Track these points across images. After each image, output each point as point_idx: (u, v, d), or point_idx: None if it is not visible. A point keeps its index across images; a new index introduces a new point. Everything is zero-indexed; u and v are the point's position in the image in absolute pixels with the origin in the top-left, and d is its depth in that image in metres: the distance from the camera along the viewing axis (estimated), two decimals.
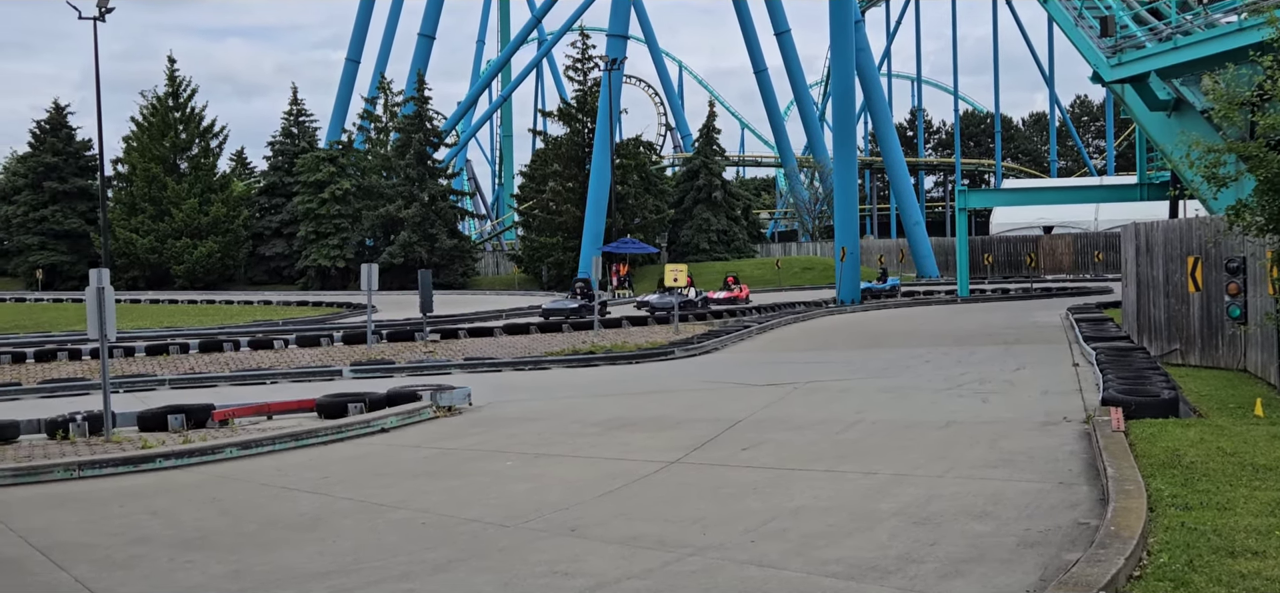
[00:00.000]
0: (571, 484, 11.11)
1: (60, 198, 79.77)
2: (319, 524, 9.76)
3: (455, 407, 16.89)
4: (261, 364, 27.98)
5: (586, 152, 68.39)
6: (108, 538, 9.51)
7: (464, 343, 32.03)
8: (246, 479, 12.30)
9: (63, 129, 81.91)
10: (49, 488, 12.12)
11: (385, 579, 7.82)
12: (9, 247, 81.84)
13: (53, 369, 28.06)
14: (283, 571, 8.20)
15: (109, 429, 15.21)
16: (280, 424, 16.33)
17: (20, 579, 8.17)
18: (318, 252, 74.10)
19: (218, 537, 9.42)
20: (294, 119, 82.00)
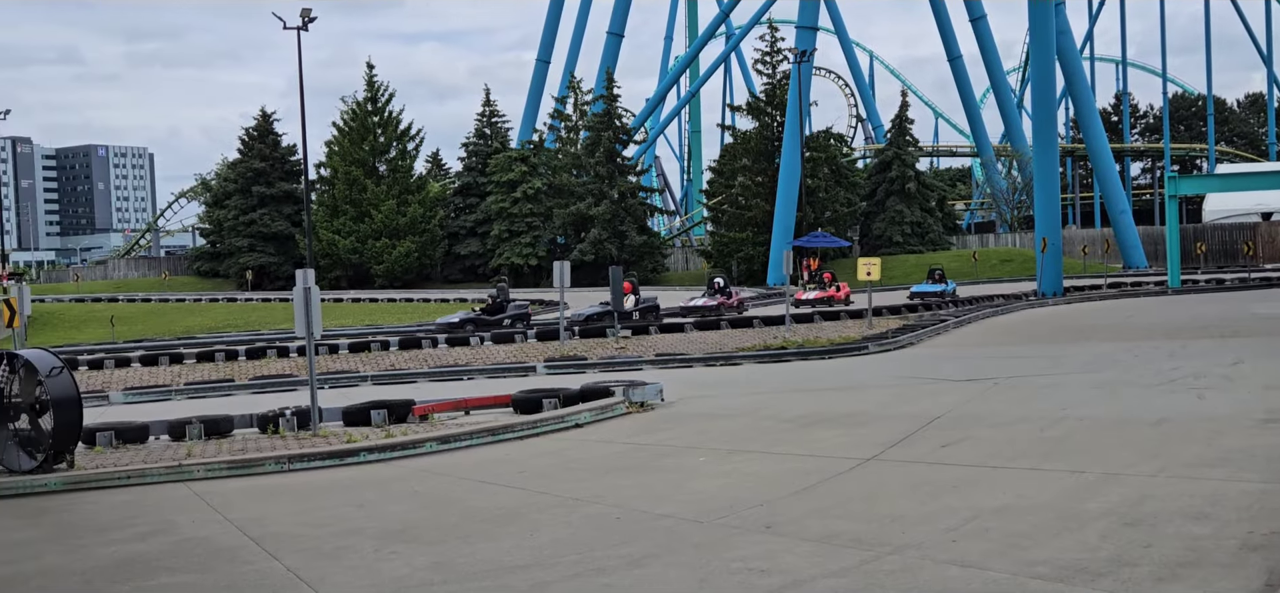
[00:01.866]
0: (765, 480, 10.99)
1: (267, 201, 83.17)
2: (517, 518, 9.88)
3: (647, 403, 16.94)
4: (458, 361, 28.62)
5: (776, 145, 67.93)
6: (316, 529, 9.81)
7: (655, 339, 32.17)
8: (446, 473, 12.56)
9: (269, 135, 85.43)
10: (261, 480, 12.60)
11: (582, 573, 7.85)
12: (221, 249, 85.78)
13: (263, 366, 29.28)
14: (482, 563, 8.31)
15: (316, 424, 15.75)
16: (477, 419, 16.64)
17: (237, 568, 8.49)
18: (510, 250, 75.55)
19: (420, 529, 9.62)
20: (487, 120, 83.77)
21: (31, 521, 10.83)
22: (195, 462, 13.04)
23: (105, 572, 8.55)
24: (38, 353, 13.33)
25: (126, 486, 12.42)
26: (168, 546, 9.40)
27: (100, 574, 8.48)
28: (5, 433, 12.95)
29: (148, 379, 27.97)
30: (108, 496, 12.02)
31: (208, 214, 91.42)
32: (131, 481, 12.53)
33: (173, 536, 9.81)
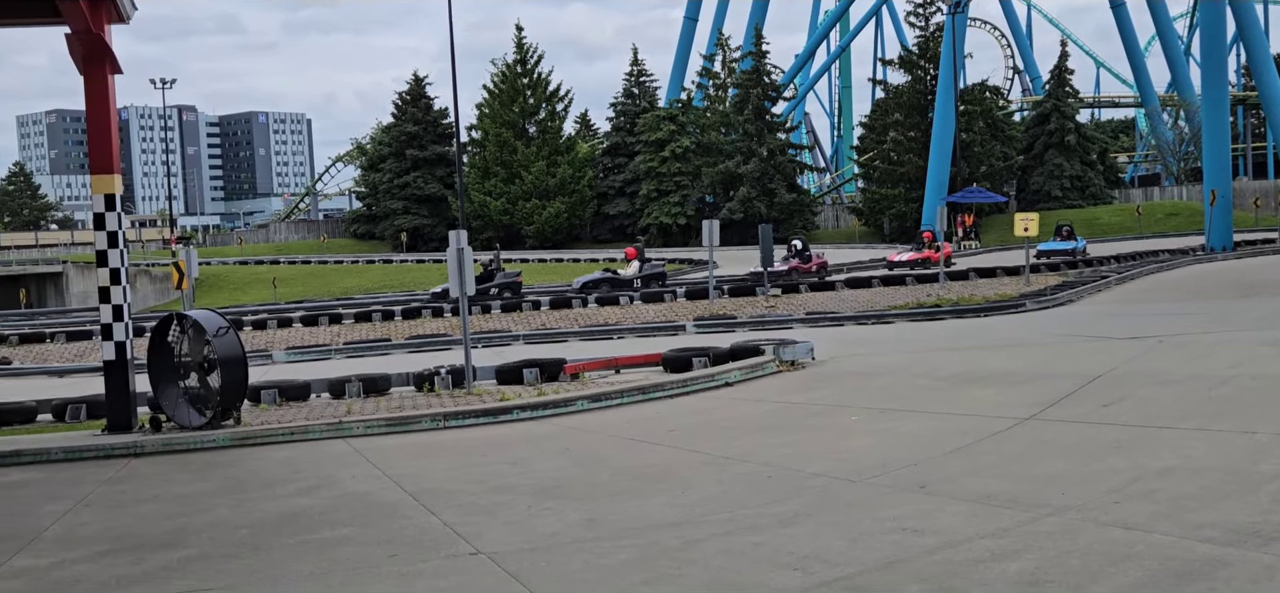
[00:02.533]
0: (919, 440, 10.79)
1: (421, 164, 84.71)
2: (667, 476, 9.88)
3: (798, 361, 16.79)
4: (608, 320, 28.82)
5: (929, 99, 66.56)
6: (471, 485, 9.96)
7: (805, 297, 31.91)
8: (597, 431, 12.65)
9: (422, 99, 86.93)
10: (418, 437, 12.86)
11: (733, 531, 7.81)
12: (377, 212, 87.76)
13: (418, 326, 29.93)
14: (634, 519, 8.33)
15: (470, 382, 16.01)
16: (627, 378, 16.72)
17: (396, 523, 8.67)
18: (659, 209, 75.68)
19: (571, 486, 9.70)
20: (635, 79, 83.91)
21: (201, 475, 11.25)
22: (355, 419, 13.38)
23: (271, 525, 8.82)
24: (205, 314, 13.80)
25: (290, 442, 12.81)
26: (330, 500, 9.66)
27: (267, 527, 8.75)
28: (176, 391, 13.46)
29: (308, 339, 28.83)
30: (272, 451, 12.41)
31: (363, 177, 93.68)
32: (294, 437, 12.91)
33: (334, 490, 10.08)
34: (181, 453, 12.54)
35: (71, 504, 10.05)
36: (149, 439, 12.83)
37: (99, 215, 13.47)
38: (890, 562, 6.86)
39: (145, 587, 7.24)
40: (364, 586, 6.99)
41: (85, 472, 11.77)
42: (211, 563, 7.76)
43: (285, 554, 7.90)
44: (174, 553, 8.09)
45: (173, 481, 11.01)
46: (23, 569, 7.86)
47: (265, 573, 7.43)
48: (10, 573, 7.77)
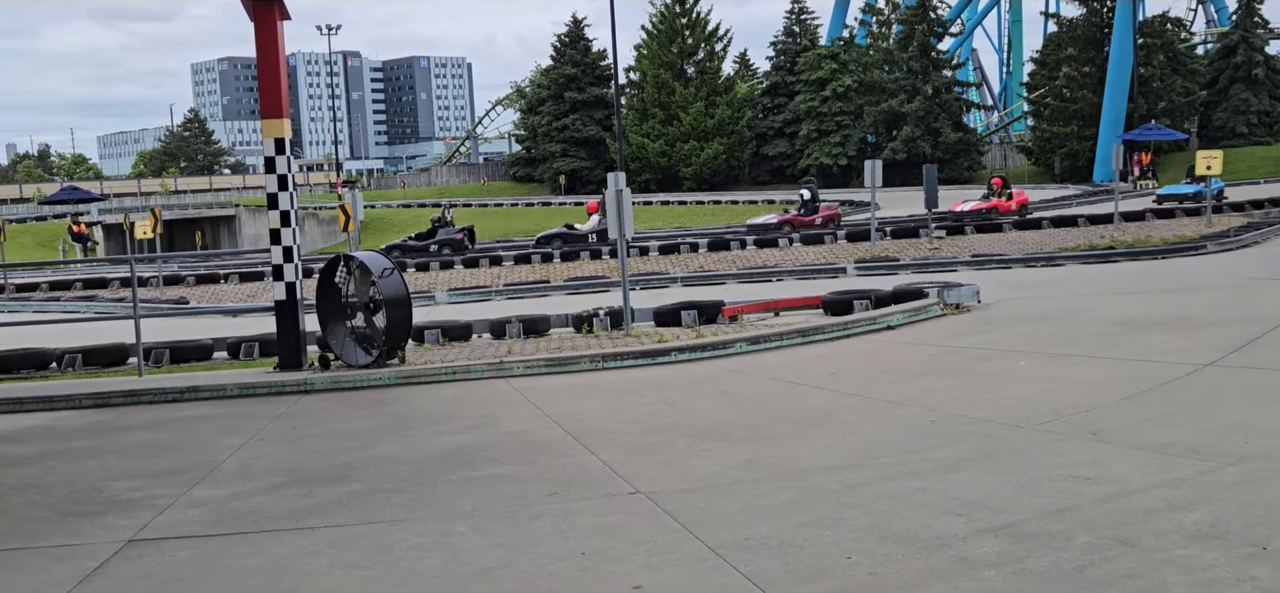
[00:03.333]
0: (1090, 386, 10.41)
1: (579, 107, 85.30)
2: (827, 419, 9.74)
3: (963, 304, 16.39)
4: (767, 262, 28.63)
5: (1105, 32, 64.14)
6: (629, 426, 9.98)
7: (970, 239, 31.19)
8: (755, 373, 12.55)
9: (580, 41, 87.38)
10: (577, 378, 12.96)
11: (895, 476, 7.65)
12: (535, 154, 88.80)
13: (576, 268, 30.19)
14: (792, 462, 8.24)
15: (628, 324, 16.06)
16: (786, 320, 16.57)
17: (556, 461, 8.74)
18: (819, 150, 74.86)
19: (730, 428, 9.63)
20: (795, 18, 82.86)
21: (368, 412, 11.52)
22: (515, 359, 13.54)
23: (435, 461, 8.98)
24: (371, 255, 14.11)
25: (452, 381, 13.03)
26: (491, 438, 9.79)
27: (430, 463, 8.91)
28: (343, 330, 13.81)
29: (469, 280, 29.36)
30: (435, 389, 12.65)
31: (522, 121, 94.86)
32: (457, 376, 13.13)
33: (495, 429, 10.21)
34: (349, 390, 12.87)
35: (246, 439, 10.40)
36: (318, 377, 13.20)
37: (269, 159, 13.85)
38: (1058, 510, 6.62)
39: (317, 519, 7.43)
40: (525, 522, 7.05)
41: (258, 407, 12.19)
42: (378, 497, 7.93)
43: (448, 490, 8.03)
44: (343, 487, 8.29)
45: (341, 417, 11.30)
46: (202, 499, 8.16)
47: (429, 508, 7.56)
48: (191, 502, 8.08)
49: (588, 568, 6.08)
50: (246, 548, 6.87)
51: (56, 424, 11.85)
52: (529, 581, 5.94)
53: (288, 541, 6.98)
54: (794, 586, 5.64)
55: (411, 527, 7.11)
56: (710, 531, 6.61)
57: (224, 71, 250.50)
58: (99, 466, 9.61)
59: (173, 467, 9.38)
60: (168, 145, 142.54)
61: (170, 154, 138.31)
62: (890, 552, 6.04)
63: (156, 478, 8.94)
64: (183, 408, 12.46)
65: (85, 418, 12.16)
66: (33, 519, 7.88)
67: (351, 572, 6.25)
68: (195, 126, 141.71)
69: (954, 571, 5.70)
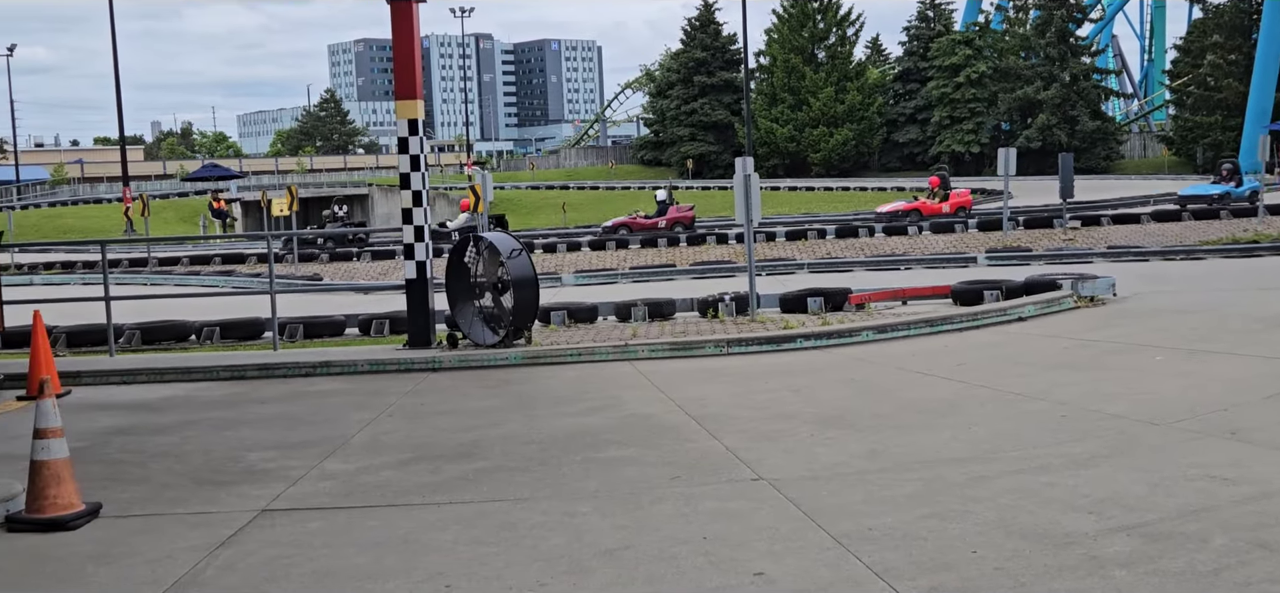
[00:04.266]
0: (1231, 383, 10.06)
1: (708, 91, 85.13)
2: (954, 410, 9.59)
3: (1098, 297, 15.98)
4: (895, 250, 28.28)
5: (1254, 18, 61.88)
6: (753, 412, 9.95)
7: (1107, 231, 30.39)
8: (881, 362, 12.41)
9: (711, 25, 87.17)
10: (701, 362, 12.95)
11: (1023, 470, 7.49)
12: (663, 138, 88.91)
13: (702, 252, 30.18)
14: (918, 453, 8.13)
15: (754, 309, 15.99)
16: (914, 309, 16.34)
17: (680, 445, 8.75)
18: (951, 137, 73.63)
19: (854, 416, 9.54)
20: (930, 3, 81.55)
21: (494, 391, 11.68)
22: (640, 342, 13.59)
23: (559, 442, 9.06)
24: (500, 236, 14.28)
25: (577, 362, 13.13)
26: (615, 420, 9.84)
27: (555, 444, 8.99)
28: (471, 309, 14.01)
29: (595, 263, 29.55)
30: (561, 370, 12.76)
31: (651, 104, 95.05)
32: (582, 358, 13.23)
33: (619, 411, 10.26)
34: (475, 369, 13.05)
35: (375, 414, 10.62)
36: (446, 355, 13.41)
37: (403, 140, 14.09)
38: (1194, 510, 6.42)
39: (443, 495, 7.56)
40: (647, 505, 7.08)
41: (388, 383, 12.43)
42: (504, 475, 8.03)
43: (573, 471, 8.09)
44: (469, 464, 8.42)
45: (468, 395, 11.47)
46: (334, 472, 8.35)
47: (554, 488, 7.63)
48: (322, 475, 8.27)
49: (710, 553, 6.07)
50: (375, 521, 7.02)
51: (195, 395, 12.24)
52: (651, 563, 5.96)
53: (415, 515, 7.11)
54: (917, 578, 5.56)
55: (535, 506, 7.19)
56: (833, 520, 6.55)
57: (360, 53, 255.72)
58: (235, 436, 9.91)
59: (305, 439, 9.62)
60: (304, 125, 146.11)
61: (306, 133, 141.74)
62: (1017, 547, 5.92)
63: (289, 450, 9.18)
64: (315, 382, 12.77)
65: (222, 389, 12.54)
66: (172, 486, 8.15)
67: (477, 548, 6.34)
68: (331, 107, 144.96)
69: (1083, 568, 5.56)
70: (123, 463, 8.97)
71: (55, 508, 7.05)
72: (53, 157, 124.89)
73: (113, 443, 9.79)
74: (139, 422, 10.78)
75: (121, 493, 7.88)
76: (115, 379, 13.23)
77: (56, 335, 16.12)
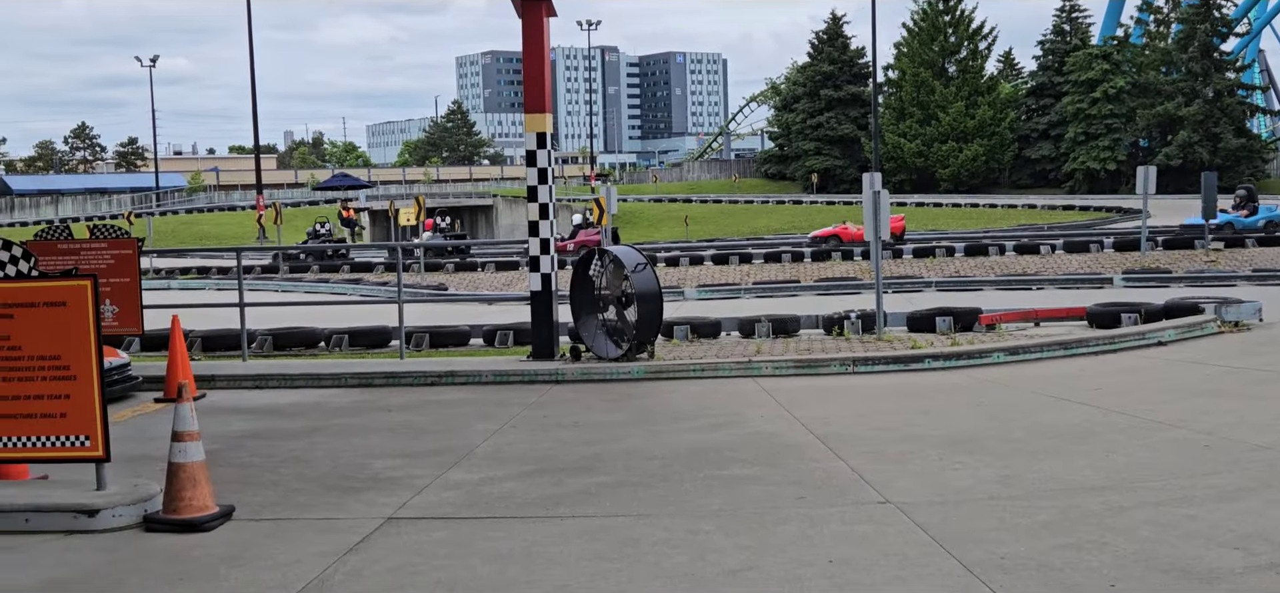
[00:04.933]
0: None
1: (835, 105, 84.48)
2: (1089, 436, 9.28)
3: (1243, 322, 15.39)
4: (1026, 269, 27.67)
5: None
6: (880, 432, 9.76)
7: (1251, 253, 29.33)
8: (1013, 385, 12.10)
9: (838, 38, 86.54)
10: (826, 381, 12.77)
11: (1163, 501, 7.20)
12: (788, 152, 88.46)
13: (827, 269, 29.85)
14: (1051, 480, 7.87)
15: (880, 328, 15.74)
16: (1047, 331, 15.94)
17: (803, 465, 8.62)
18: (1086, 154, 71.94)
19: (984, 440, 9.29)
20: (1066, 16, 79.86)
21: (617, 404, 11.65)
22: (763, 359, 13.45)
23: (681, 458, 8.99)
24: (625, 250, 14.28)
25: (700, 378, 13.05)
26: (738, 437, 9.74)
27: (677, 460, 8.92)
28: (594, 322, 14.02)
29: (718, 277, 29.44)
30: (683, 386, 12.69)
31: (776, 118, 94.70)
32: (705, 373, 13.14)
33: (743, 428, 10.15)
34: (598, 382, 13.05)
35: (499, 425, 10.67)
36: (569, 367, 13.44)
37: (531, 153, 14.17)
38: None
39: (566, 508, 7.54)
40: (772, 525, 6.96)
41: (511, 394, 12.50)
42: (626, 490, 7.99)
43: (695, 487, 8.01)
44: (591, 478, 8.39)
45: (590, 408, 11.47)
46: (457, 482, 8.40)
47: (676, 505, 7.56)
48: (446, 484, 8.32)
49: (835, 577, 5.94)
50: (499, 532, 7.02)
51: (324, 401, 12.45)
52: (776, 584, 5.85)
53: (538, 528, 7.10)
54: None
55: (658, 522, 7.12)
56: (963, 547, 6.36)
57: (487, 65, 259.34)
58: (362, 443, 10.04)
59: (430, 448, 9.70)
60: (431, 136, 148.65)
61: (433, 144, 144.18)
62: (1158, 582, 5.68)
63: (415, 458, 9.27)
64: (440, 391, 12.90)
65: (350, 396, 12.74)
66: (301, 492, 8.28)
67: (600, 563, 6.30)
68: (458, 118, 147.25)
69: None
70: (254, 467, 9.14)
71: (190, 510, 7.20)
72: (190, 164, 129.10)
73: (245, 446, 9.99)
74: (270, 426, 11.00)
75: (253, 496, 8.03)
76: (248, 383, 13.53)
77: (192, 339, 16.56)
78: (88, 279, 7.26)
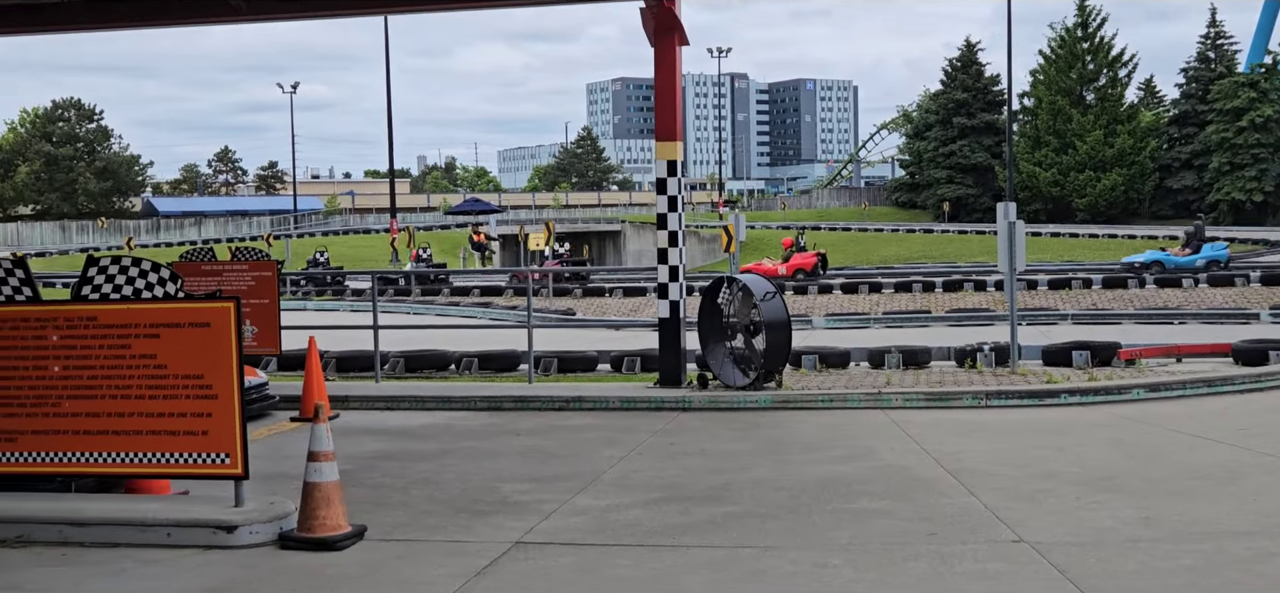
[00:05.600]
0: None
1: (968, 133, 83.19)
2: (1237, 478, 8.94)
3: None
4: (1168, 303, 26.87)
5: None
6: (1014, 469, 9.53)
7: None
8: (1153, 423, 11.72)
9: (972, 65, 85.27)
10: (957, 414, 12.52)
11: None
12: (919, 180, 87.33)
13: (958, 299, 29.35)
14: (1195, 522, 7.60)
15: (1015, 361, 15.39)
16: (1190, 368, 15.43)
17: (935, 500, 8.46)
18: (1231, 184, 69.65)
19: (1123, 479, 9.01)
20: (1211, 43, 77.54)
21: (744, 434, 11.58)
22: (893, 390, 13.25)
23: (810, 490, 8.88)
24: (753, 278, 14.21)
25: (829, 408, 12.90)
26: (867, 470, 9.60)
27: (805, 491, 8.83)
28: (722, 350, 13.97)
29: (847, 306, 29.15)
30: (811, 416, 12.56)
31: (907, 145, 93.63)
32: (833, 404, 12.99)
33: (872, 461, 10.00)
34: (725, 411, 12.99)
35: (626, 451, 10.68)
36: (696, 395, 13.41)
37: (661, 180, 14.20)
38: None
39: (692, 537, 7.51)
40: (902, 561, 6.84)
41: (638, 421, 12.50)
42: (753, 521, 7.92)
43: (823, 520, 7.91)
44: (718, 508, 8.34)
45: (717, 437, 11.41)
46: (584, 508, 8.42)
47: (804, 537, 7.47)
48: (573, 510, 8.35)
49: None
50: (625, 560, 7.01)
51: (454, 423, 12.61)
52: None
53: (664, 557, 7.07)
54: None
55: (785, 554, 7.04)
56: (1103, 590, 6.17)
57: (617, 91, 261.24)
58: (491, 466, 10.13)
59: (557, 473, 9.75)
60: (561, 161, 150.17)
61: (563, 170, 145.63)
62: None
63: (543, 483, 9.32)
64: (567, 416, 12.97)
65: (479, 419, 12.88)
66: (431, 513, 8.38)
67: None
68: (587, 144, 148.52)
69: None
70: (385, 487, 9.29)
71: (324, 529, 7.33)
72: (326, 188, 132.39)
73: (377, 467, 10.16)
74: (401, 448, 11.17)
75: (384, 517, 8.15)
76: (380, 405, 13.78)
77: (327, 360, 16.93)
78: (231, 301, 7.46)
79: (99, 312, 7.59)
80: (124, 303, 7.57)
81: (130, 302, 7.57)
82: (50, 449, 7.71)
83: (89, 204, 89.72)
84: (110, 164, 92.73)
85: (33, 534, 7.59)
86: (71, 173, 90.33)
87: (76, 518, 7.61)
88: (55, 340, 7.62)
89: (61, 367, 7.63)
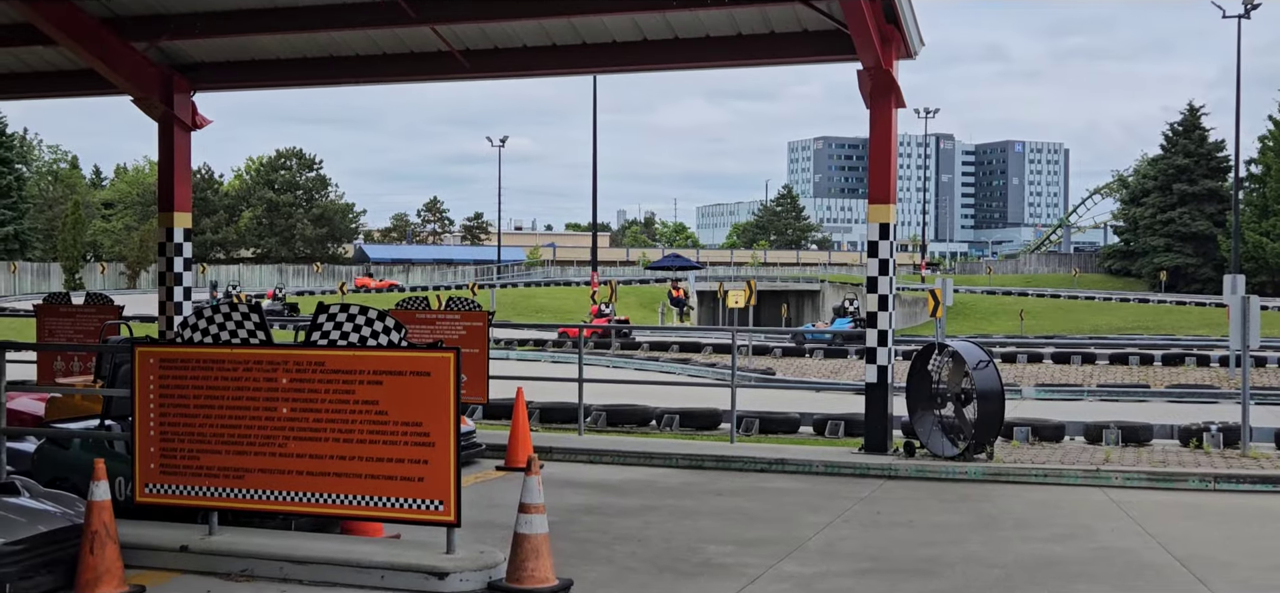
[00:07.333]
0: None
1: (1188, 200, 79.95)
2: None
3: None
4: None
5: None
6: (1249, 558, 8.98)
7: None
8: None
9: (1196, 130, 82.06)
10: (1183, 496, 11.88)
11: None
12: (1135, 248, 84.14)
13: (1180, 374, 28.00)
14: None
15: (1246, 443, 14.53)
16: None
17: (1163, 587, 8.05)
18: None
19: None
20: None
21: (953, 506, 11.22)
22: (1113, 468, 12.67)
23: (1024, 568, 8.54)
24: (966, 345, 13.81)
25: (1043, 484, 12.41)
26: (1086, 551, 9.18)
27: (1019, 569, 8.49)
28: (931, 418, 13.60)
29: (1058, 377, 28.13)
30: (1024, 491, 12.09)
31: (1122, 211, 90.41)
32: (1048, 479, 12.50)
33: (1090, 542, 9.56)
34: (933, 480, 12.62)
35: (831, 518, 10.47)
36: (902, 463, 13.08)
37: (873, 243, 13.96)
38: None
39: None
40: None
41: (842, 487, 12.25)
42: None
43: None
44: (928, 582, 8.08)
45: (925, 508, 11.09)
46: (790, 574, 8.27)
47: None
48: (779, 576, 8.21)
49: None
50: None
51: (655, 480, 12.59)
52: None
53: None
54: None
55: None
56: None
57: (819, 150, 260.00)
58: (692, 526, 10.06)
59: (761, 536, 9.61)
60: (760, 219, 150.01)
61: (762, 227, 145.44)
62: None
63: (746, 546, 9.20)
64: (770, 478, 12.80)
65: (680, 477, 12.83)
66: (635, 570, 8.35)
67: None
68: (787, 202, 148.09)
69: None
70: (589, 542, 9.31)
71: (533, 581, 7.38)
72: (529, 239, 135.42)
73: (580, 521, 10.20)
74: (604, 502, 11.20)
75: (588, 571, 8.16)
76: (582, 458, 13.87)
77: (531, 410, 17.14)
78: (452, 352, 7.61)
79: (327, 357, 7.84)
80: (351, 349, 7.81)
81: (356, 348, 7.80)
82: (276, 488, 7.98)
83: (305, 249, 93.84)
84: (326, 211, 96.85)
85: (256, 569, 7.86)
86: (290, 219, 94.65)
87: (297, 556, 7.85)
88: (284, 383, 7.91)
89: (289, 409, 7.90)
